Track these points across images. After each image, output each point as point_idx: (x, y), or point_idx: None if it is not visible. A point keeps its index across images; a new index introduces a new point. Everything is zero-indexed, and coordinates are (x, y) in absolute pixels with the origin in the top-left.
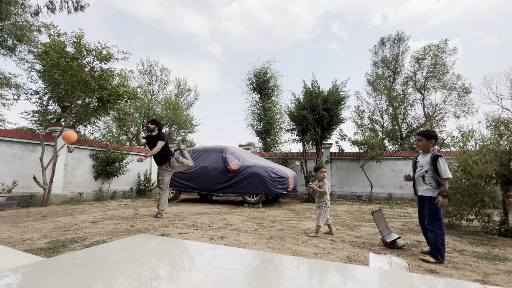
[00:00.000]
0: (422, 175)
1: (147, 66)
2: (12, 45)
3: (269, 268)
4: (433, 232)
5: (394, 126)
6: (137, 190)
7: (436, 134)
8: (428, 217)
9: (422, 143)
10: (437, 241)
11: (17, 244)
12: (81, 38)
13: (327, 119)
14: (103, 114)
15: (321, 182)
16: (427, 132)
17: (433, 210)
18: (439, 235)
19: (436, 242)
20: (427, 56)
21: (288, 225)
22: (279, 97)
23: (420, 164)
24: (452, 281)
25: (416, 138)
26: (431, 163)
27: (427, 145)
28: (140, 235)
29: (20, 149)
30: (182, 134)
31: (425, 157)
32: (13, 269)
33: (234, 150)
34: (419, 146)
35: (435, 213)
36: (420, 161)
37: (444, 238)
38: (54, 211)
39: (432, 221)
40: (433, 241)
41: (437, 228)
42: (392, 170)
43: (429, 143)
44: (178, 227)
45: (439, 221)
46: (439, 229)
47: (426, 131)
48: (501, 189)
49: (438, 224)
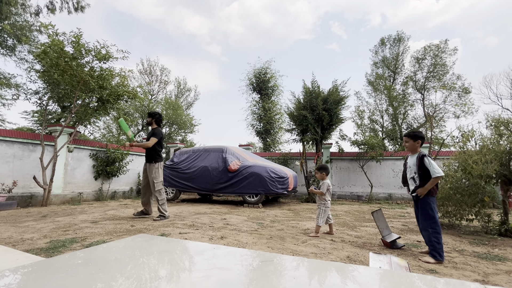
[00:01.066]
0: (411, 176)
1: (147, 66)
2: (12, 45)
3: (269, 268)
4: (427, 231)
5: (394, 126)
6: (137, 190)
7: (423, 134)
8: (421, 217)
9: (409, 144)
10: (432, 240)
11: (17, 244)
12: (79, 37)
13: (327, 119)
14: (103, 114)
15: (321, 182)
16: (412, 133)
17: (424, 209)
18: (433, 233)
19: (431, 242)
20: (427, 56)
21: (288, 225)
22: (279, 97)
23: (409, 165)
24: (452, 281)
25: (404, 139)
26: (417, 163)
27: (413, 145)
28: (140, 235)
29: (20, 149)
30: (182, 134)
31: (412, 158)
32: (13, 269)
33: (234, 150)
34: (407, 147)
35: (427, 212)
36: (409, 162)
37: (439, 236)
38: (54, 211)
39: (425, 220)
40: (428, 240)
41: (430, 227)
42: (392, 170)
43: (415, 143)
44: (178, 227)
45: (431, 220)
46: (432, 227)
47: (412, 131)
48: (501, 189)
49: (431, 223)
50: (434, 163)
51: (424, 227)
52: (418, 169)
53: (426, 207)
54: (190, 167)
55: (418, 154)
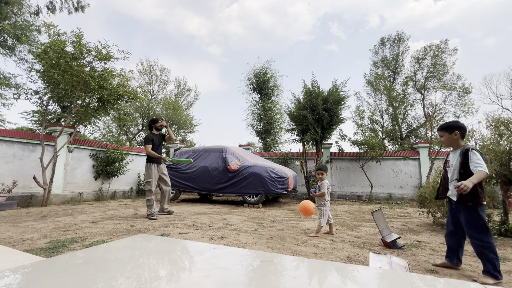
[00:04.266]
0: (456, 178)
1: (147, 66)
2: (11, 45)
3: (269, 268)
4: (482, 247)
5: (394, 126)
6: (137, 190)
7: (460, 123)
8: (467, 226)
9: (445, 138)
10: (491, 257)
11: (17, 244)
12: (80, 37)
13: (327, 119)
14: (103, 114)
15: (320, 182)
16: (445, 125)
17: (471, 217)
18: (487, 246)
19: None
20: (427, 56)
21: (288, 225)
22: (279, 97)
23: (451, 163)
24: (452, 281)
25: (438, 134)
26: (460, 160)
27: (451, 139)
28: (140, 235)
29: (20, 149)
30: (182, 134)
31: (455, 154)
32: (13, 269)
33: (234, 150)
34: (443, 143)
35: (475, 220)
36: (451, 160)
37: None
38: (54, 211)
39: (473, 230)
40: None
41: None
42: (392, 170)
43: (452, 136)
44: (178, 227)
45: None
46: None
47: (445, 123)
48: (501, 189)
49: (485, 236)
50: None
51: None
52: (461, 167)
53: (476, 217)
54: (190, 167)
55: (461, 149)
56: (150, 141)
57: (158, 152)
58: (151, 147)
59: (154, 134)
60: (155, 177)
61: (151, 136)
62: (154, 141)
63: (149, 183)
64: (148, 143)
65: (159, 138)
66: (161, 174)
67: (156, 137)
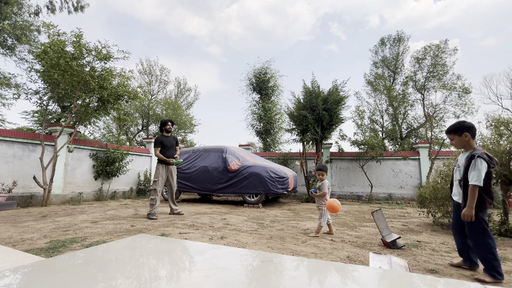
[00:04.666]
0: (458, 178)
1: (147, 66)
2: (11, 45)
3: (269, 268)
4: (478, 246)
5: (394, 126)
6: (137, 190)
7: (469, 123)
8: (467, 229)
9: (456, 141)
10: (488, 257)
11: (17, 244)
12: (80, 37)
13: (327, 119)
14: (103, 114)
15: (320, 182)
16: (453, 127)
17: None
18: (486, 248)
19: (487, 259)
20: (427, 56)
21: (288, 225)
22: (279, 97)
23: (458, 163)
24: (452, 281)
25: (448, 137)
26: (465, 164)
27: (461, 141)
28: (140, 235)
29: (20, 149)
30: (182, 134)
31: (464, 156)
32: (13, 269)
33: (234, 150)
34: (455, 146)
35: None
36: (459, 160)
37: (495, 251)
38: (54, 211)
39: (476, 235)
40: (482, 258)
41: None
42: (392, 170)
43: (462, 138)
44: (178, 227)
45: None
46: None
47: (452, 125)
48: (501, 189)
49: (481, 236)
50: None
51: (474, 241)
52: (464, 171)
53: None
54: (190, 167)
55: (470, 152)
56: (159, 143)
57: (170, 153)
58: (159, 150)
59: (164, 136)
60: (162, 177)
61: (160, 139)
62: (164, 143)
63: (156, 182)
64: (157, 146)
65: (170, 140)
66: (168, 175)
67: (166, 139)
